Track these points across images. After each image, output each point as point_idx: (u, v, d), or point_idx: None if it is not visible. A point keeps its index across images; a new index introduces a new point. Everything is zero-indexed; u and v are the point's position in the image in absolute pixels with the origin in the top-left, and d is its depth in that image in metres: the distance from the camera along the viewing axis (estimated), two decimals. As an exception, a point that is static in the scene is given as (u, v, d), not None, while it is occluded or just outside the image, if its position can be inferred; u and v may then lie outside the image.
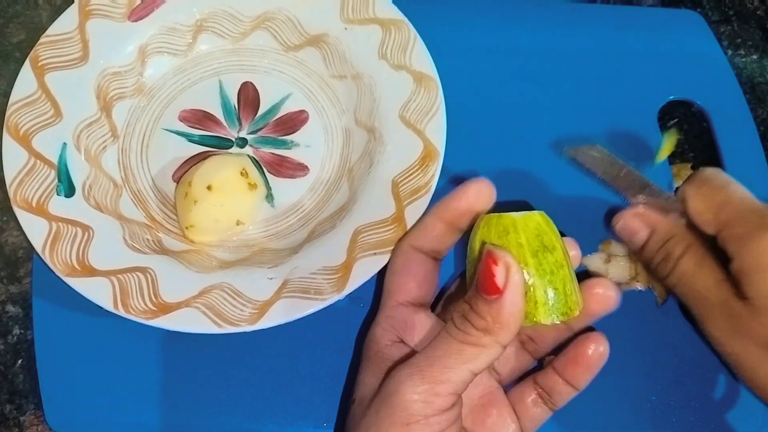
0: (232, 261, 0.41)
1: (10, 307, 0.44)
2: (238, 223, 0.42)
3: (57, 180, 0.41)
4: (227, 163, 0.42)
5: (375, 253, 0.39)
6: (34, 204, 0.40)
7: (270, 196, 0.44)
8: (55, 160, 0.42)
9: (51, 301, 0.42)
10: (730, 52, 0.51)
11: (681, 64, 0.48)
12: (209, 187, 0.41)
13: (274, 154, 0.45)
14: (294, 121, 0.46)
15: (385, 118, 0.43)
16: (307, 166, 0.45)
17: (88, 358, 0.41)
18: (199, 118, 0.46)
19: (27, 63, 0.43)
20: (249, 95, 0.46)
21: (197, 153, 0.45)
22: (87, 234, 0.40)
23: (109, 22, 0.45)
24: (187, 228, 0.41)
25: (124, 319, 0.38)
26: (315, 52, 0.47)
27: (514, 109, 0.47)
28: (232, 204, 0.41)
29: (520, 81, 0.48)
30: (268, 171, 0.45)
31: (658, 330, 0.42)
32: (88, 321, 0.41)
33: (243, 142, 0.45)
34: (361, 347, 0.38)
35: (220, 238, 0.42)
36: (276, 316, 0.38)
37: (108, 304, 0.38)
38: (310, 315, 0.38)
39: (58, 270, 0.39)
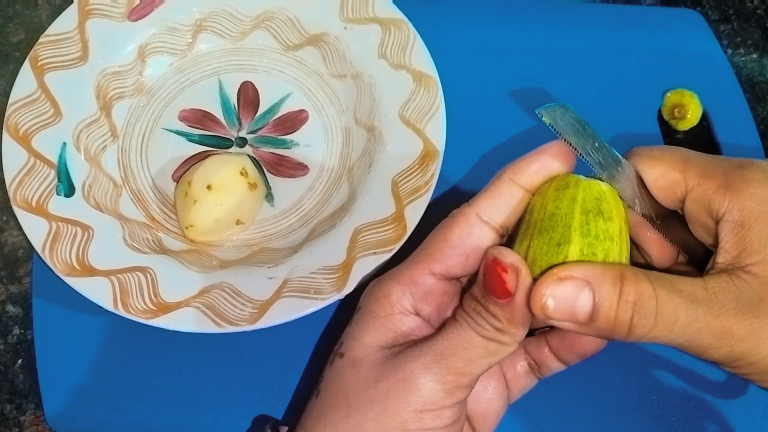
0: (232, 260, 0.41)
1: (10, 307, 0.44)
2: (238, 222, 0.42)
3: (57, 180, 0.41)
4: (227, 163, 0.42)
5: (375, 253, 0.39)
6: (33, 204, 0.40)
7: (270, 196, 0.44)
8: (54, 159, 0.42)
9: (51, 301, 0.42)
10: (730, 51, 0.51)
11: (681, 63, 0.48)
12: (209, 187, 0.41)
13: (273, 153, 0.45)
14: (294, 121, 0.46)
15: (385, 117, 0.43)
16: (306, 166, 0.45)
17: (88, 358, 0.41)
18: (199, 117, 0.46)
19: (26, 63, 0.43)
20: (249, 95, 0.46)
21: (197, 152, 0.45)
22: (87, 234, 0.40)
23: (109, 21, 0.45)
24: (186, 227, 0.41)
25: (124, 319, 0.38)
26: (315, 52, 0.47)
27: (514, 109, 0.47)
28: (231, 203, 0.41)
29: (520, 81, 0.48)
30: (268, 170, 0.45)
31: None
32: (88, 321, 0.41)
33: (243, 142, 0.45)
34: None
35: (219, 238, 0.42)
36: (276, 316, 0.38)
37: (108, 304, 0.38)
38: (310, 315, 0.38)
39: (58, 270, 0.39)
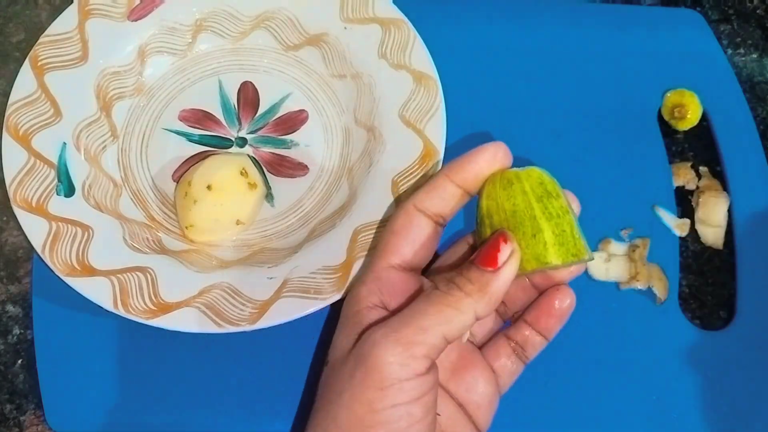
0: (232, 260, 0.41)
1: (10, 307, 0.44)
2: (238, 222, 0.42)
3: (57, 180, 0.41)
4: (227, 163, 0.42)
5: (375, 253, 0.39)
6: (33, 204, 0.40)
7: (270, 196, 0.44)
8: (54, 159, 0.41)
9: (51, 301, 0.42)
10: (730, 51, 0.51)
11: (681, 63, 0.48)
12: (209, 187, 0.41)
13: (273, 153, 0.45)
14: (294, 121, 0.46)
15: (385, 117, 0.43)
16: (306, 166, 0.45)
17: (88, 358, 0.41)
18: (199, 117, 0.46)
19: (26, 63, 0.43)
20: (249, 95, 0.46)
21: (197, 152, 0.45)
22: (87, 234, 0.40)
23: (109, 21, 0.45)
24: (186, 227, 0.41)
25: (124, 319, 0.38)
26: (315, 52, 0.47)
27: (514, 109, 0.47)
28: (231, 203, 0.41)
29: (520, 81, 0.48)
30: (268, 170, 0.45)
31: (658, 329, 0.42)
32: (88, 321, 0.41)
33: (243, 142, 0.45)
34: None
35: (219, 238, 0.42)
36: (276, 316, 0.38)
37: (108, 304, 0.38)
38: (310, 315, 0.38)
39: (58, 270, 0.39)
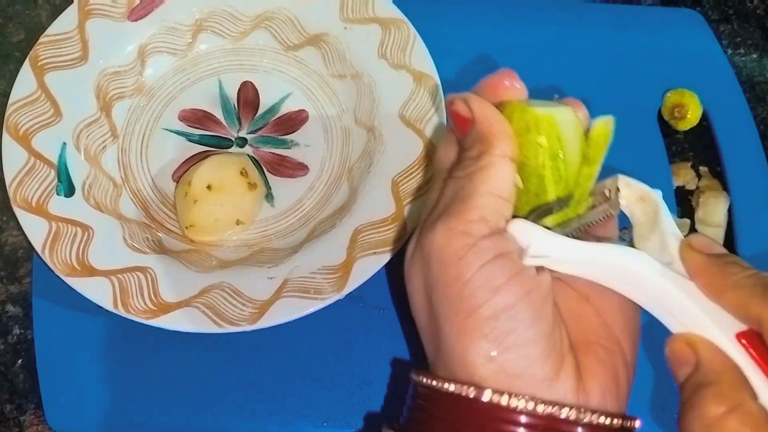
0: (232, 260, 0.41)
1: (10, 307, 0.44)
2: (238, 222, 0.42)
3: (57, 180, 0.41)
4: (227, 163, 0.42)
5: (375, 253, 0.39)
6: (33, 204, 0.40)
7: (270, 196, 0.44)
8: (54, 159, 0.41)
9: (51, 301, 0.42)
10: (730, 51, 0.51)
11: (681, 63, 0.48)
12: (209, 187, 0.41)
13: (273, 153, 0.45)
14: (294, 121, 0.46)
15: (385, 117, 0.43)
16: (306, 166, 0.45)
17: (88, 358, 0.41)
18: (199, 117, 0.46)
19: (27, 63, 0.43)
20: (249, 95, 0.46)
21: (197, 152, 0.45)
22: (87, 234, 0.40)
23: (109, 21, 0.45)
24: (187, 227, 0.41)
25: (124, 319, 0.38)
26: (315, 52, 0.47)
27: (514, 109, 0.47)
28: (231, 203, 0.41)
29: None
30: (268, 170, 0.45)
31: (658, 329, 0.42)
32: (88, 321, 0.41)
33: (243, 142, 0.45)
34: (360, 347, 0.38)
35: (219, 238, 0.42)
36: (276, 316, 0.38)
37: (108, 304, 0.38)
38: (310, 315, 0.38)
39: (58, 270, 0.39)
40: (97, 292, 0.38)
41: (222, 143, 0.45)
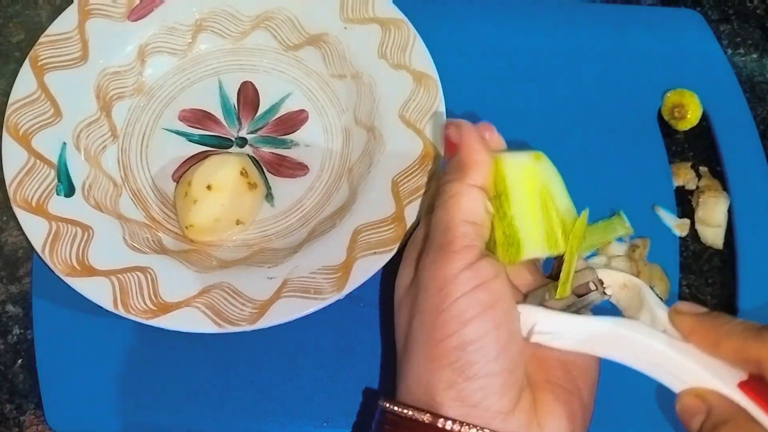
0: (232, 260, 0.41)
1: (10, 307, 0.44)
2: (238, 222, 0.42)
3: (57, 180, 0.41)
4: (227, 163, 0.42)
5: (375, 253, 0.39)
6: (33, 204, 0.40)
7: (270, 196, 0.44)
8: (54, 159, 0.41)
9: (51, 301, 0.42)
10: (730, 51, 0.51)
11: (681, 63, 0.48)
12: (209, 187, 0.41)
13: (273, 153, 0.45)
14: (294, 121, 0.46)
15: (385, 117, 0.43)
16: (306, 166, 0.45)
17: (87, 358, 0.41)
18: (199, 117, 0.46)
19: (27, 63, 0.43)
20: (249, 95, 0.46)
21: (197, 152, 0.45)
22: (87, 234, 0.40)
23: (109, 21, 0.45)
24: (186, 227, 0.41)
25: (124, 318, 0.38)
26: (315, 52, 0.47)
27: (514, 109, 0.47)
28: (231, 203, 0.41)
29: (520, 81, 0.48)
30: (268, 170, 0.45)
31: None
32: (88, 321, 0.41)
33: (243, 142, 0.45)
34: (360, 347, 0.38)
35: (219, 238, 0.42)
36: (276, 316, 0.38)
37: (108, 304, 0.38)
38: (310, 315, 0.38)
39: (58, 270, 0.38)
40: (97, 292, 0.38)
41: (222, 143, 0.45)
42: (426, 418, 0.29)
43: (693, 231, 0.45)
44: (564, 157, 0.45)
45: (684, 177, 0.46)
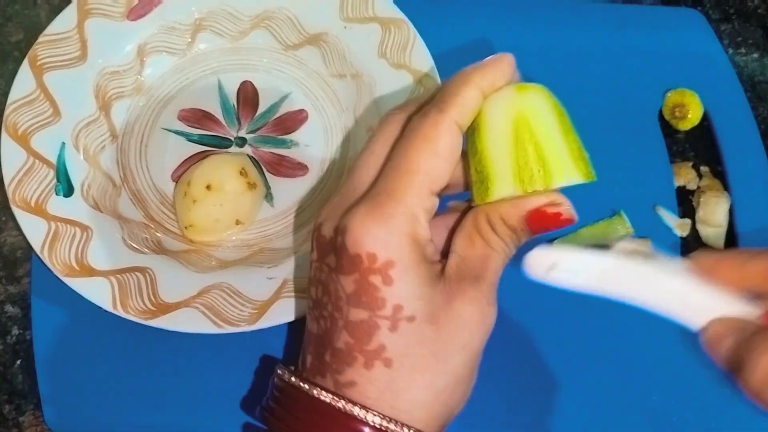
0: (232, 261, 0.41)
1: (9, 308, 0.44)
2: (238, 222, 0.42)
3: (56, 179, 0.41)
4: (226, 163, 0.42)
5: (375, 253, 0.39)
6: (32, 204, 0.40)
7: (269, 196, 0.44)
8: (53, 159, 0.41)
9: (50, 301, 0.41)
10: (731, 51, 0.51)
11: (681, 62, 0.48)
12: (208, 187, 0.41)
13: (273, 153, 0.45)
14: (293, 121, 0.46)
15: (385, 117, 0.43)
16: (306, 166, 0.45)
17: (87, 359, 0.41)
18: (198, 117, 0.46)
19: (25, 62, 0.43)
20: (248, 94, 0.46)
21: (196, 152, 0.45)
22: (86, 234, 0.40)
23: (108, 21, 0.44)
24: (186, 228, 0.41)
25: (124, 319, 0.38)
26: (314, 51, 0.46)
27: (515, 108, 0.47)
28: (231, 203, 0.41)
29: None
30: (268, 170, 0.45)
31: (658, 330, 0.42)
32: (87, 321, 0.41)
33: (242, 142, 0.45)
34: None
35: (219, 238, 0.42)
36: (276, 316, 0.38)
37: (107, 305, 0.38)
38: (309, 315, 0.38)
39: (57, 270, 0.38)
40: (96, 292, 0.38)
41: (221, 143, 0.45)
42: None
43: (694, 231, 0.45)
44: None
45: (685, 177, 0.46)
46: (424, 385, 0.29)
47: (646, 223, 0.44)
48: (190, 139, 0.45)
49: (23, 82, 0.42)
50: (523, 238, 0.31)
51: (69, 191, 0.41)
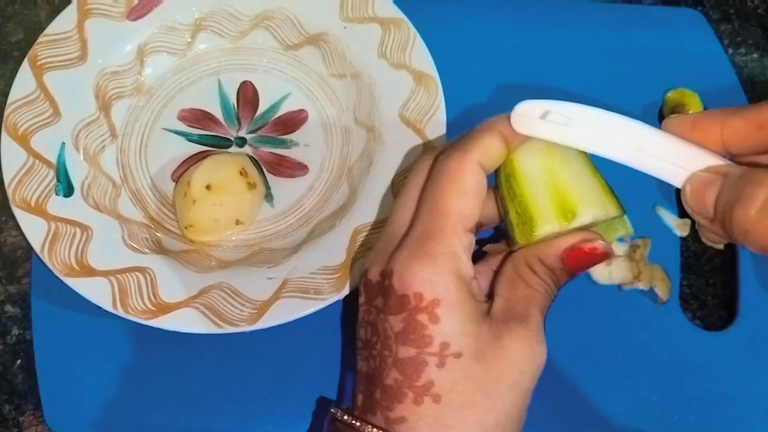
0: (232, 261, 0.41)
1: (9, 308, 0.44)
2: (237, 222, 0.42)
3: (56, 180, 0.41)
4: (226, 163, 0.42)
5: (375, 253, 0.39)
6: (32, 204, 0.40)
7: (269, 196, 0.44)
8: (53, 159, 0.41)
9: (50, 301, 0.41)
10: (731, 51, 0.51)
11: (681, 62, 0.48)
12: (208, 187, 0.41)
13: (273, 153, 0.45)
14: (293, 121, 0.46)
15: (385, 117, 0.43)
16: (306, 166, 0.45)
17: (87, 359, 0.41)
18: (198, 117, 0.46)
19: (25, 62, 0.43)
20: (248, 94, 0.46)
21: (196, 152, 0.45)
22: (86, 234, 0.40)
23: (108, 21, 0.44)
24: (186, 228, 0.41)
25: (124, 319, 0.38)
26: (314, 51, 0.46)
27: (514, 108, 0.47)
28: (231, 203, 0.41)
29: (521, 81, 0.47)
30: (268, 170, 0.45)
31: (658, 330, 0.42)
32: (87, 321, 0.41)
33: (242, 142, 0.45)
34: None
35: (219, 238, 0.42)
36: (275, 316, 0.38)
37: (107, 305, 0.38)
38: (309, 315, 0.38)
39: (57, 270, 0.38)
40: (96, 292, 0.38)
41: (221, 143, 0.45)
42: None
43: (694, 231, 0.45)
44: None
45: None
46: (473, 422, 0.29)
47: (646, 223, 0.44)
48: (190, 139, 0.45)
49: (23, 82, 0.42)
50: (563, 279, 0.32)
51: (69, 191, 0.41)
